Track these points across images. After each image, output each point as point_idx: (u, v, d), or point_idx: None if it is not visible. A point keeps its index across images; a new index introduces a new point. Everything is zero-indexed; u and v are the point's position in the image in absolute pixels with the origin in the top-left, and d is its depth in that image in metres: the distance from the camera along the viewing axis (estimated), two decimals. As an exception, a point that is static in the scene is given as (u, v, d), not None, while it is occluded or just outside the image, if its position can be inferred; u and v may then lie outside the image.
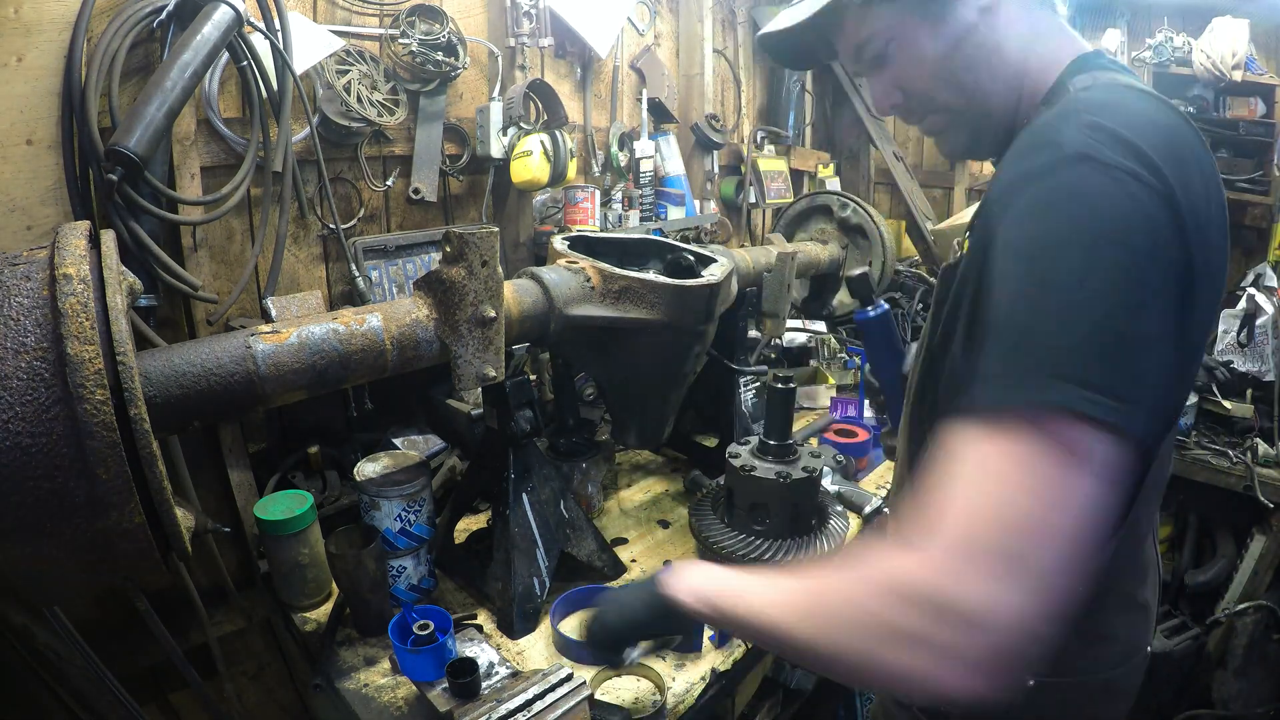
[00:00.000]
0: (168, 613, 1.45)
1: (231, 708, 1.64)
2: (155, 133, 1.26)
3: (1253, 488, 2.20)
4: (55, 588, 0.81)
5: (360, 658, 1.30)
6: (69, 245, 0.79)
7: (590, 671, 1.23)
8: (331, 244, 1.81)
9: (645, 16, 2.57)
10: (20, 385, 0.71)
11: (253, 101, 1.53)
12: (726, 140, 2.76)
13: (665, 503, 1.88)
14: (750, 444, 1.53)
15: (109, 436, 0.73)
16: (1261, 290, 2.45)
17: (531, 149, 1.90)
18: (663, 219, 2.46)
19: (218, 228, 1.60)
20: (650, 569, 1.59)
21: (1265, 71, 2.87)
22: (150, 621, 1.27)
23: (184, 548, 0.85)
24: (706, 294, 1.37)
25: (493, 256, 1.13)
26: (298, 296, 1.58)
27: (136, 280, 0.95)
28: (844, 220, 2.36)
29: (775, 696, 2.08)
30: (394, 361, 1.09)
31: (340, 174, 1.82)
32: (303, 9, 1.70)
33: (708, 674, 1.29)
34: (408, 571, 1.41)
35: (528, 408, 1.38)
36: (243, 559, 1.70)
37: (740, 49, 3.08)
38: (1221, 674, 2.35)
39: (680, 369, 1.50)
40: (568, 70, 2.34)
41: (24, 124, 1.31)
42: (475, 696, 1.08)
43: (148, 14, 1.38)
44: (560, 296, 1.29)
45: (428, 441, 1.84)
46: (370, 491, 1.35)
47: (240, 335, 0.98)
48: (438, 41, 1.83)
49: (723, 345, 1.80)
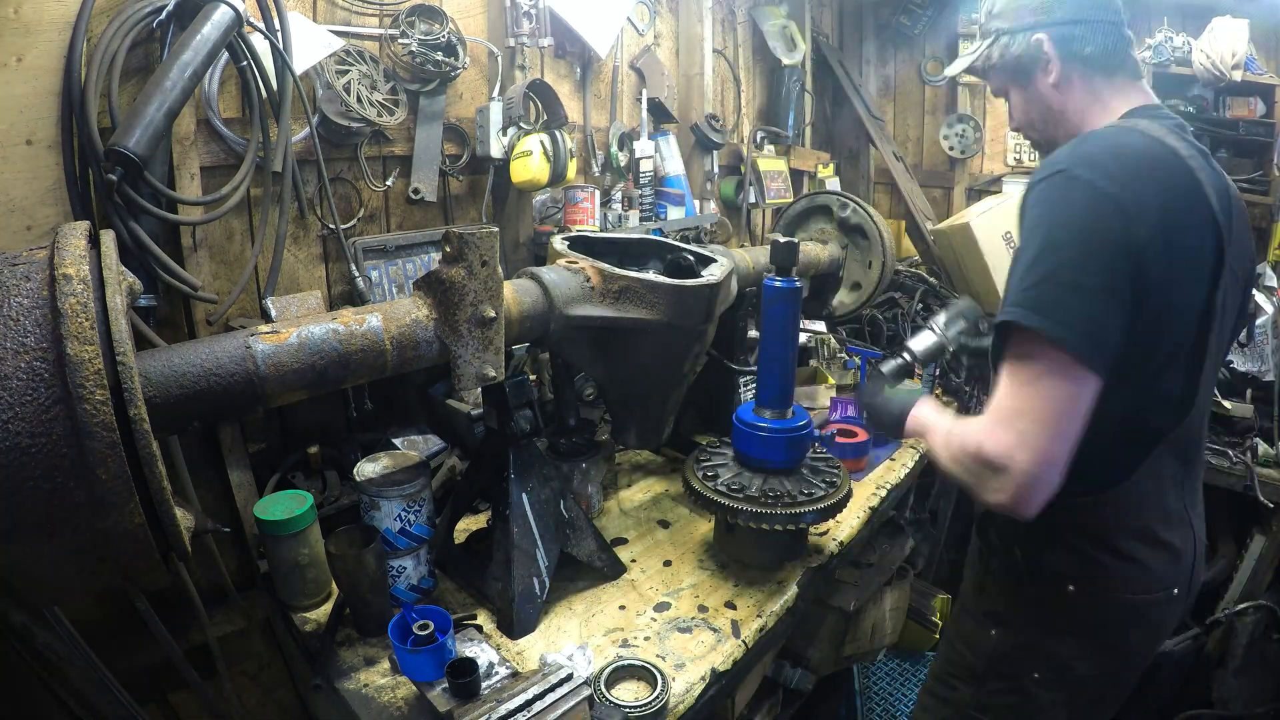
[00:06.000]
0: (168, 613, 1.45)
1: (231, 708, 1.64)
2: (155, 133, 1.26)
3: (1253, 487, 2.20)
4: (55, 588, 0.81)
5: (360, 658, 1.30)
6: (69, 245, 0.79)
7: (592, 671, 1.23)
8: (331, 244, 1.81)
9: (645, 16, 2.57)
10: (20, 385, 0.71)
11: (253, 101, 1.53)
12: (726, 140, 2.76)
13: (665, 503, 1.88)
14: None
15: (109, 437, 0.73)
16: (1261, 290, 2.45)
17: (531, 149, 1.90)
18: (663, 219, 2.46)
19: (217, 228, 1.60)
20: (650, 569, 1.59)
21: (1265, 71, 2.86)
22: (150, 621, 1.27)
23: (184, 548, 0.85)
24: (706, 294, 1.37)
25: (492, 256, 1.13)
26: (297, 296, 1.58)
27: (136, 280, 0.95)
28: (844, 220, 2.36)
29: (775, 696, 2.08)
30: (394, 361, 1.09)
31: (340, 174, 1.82)
32: (303, 9, 1.70)
33: (708, 674, 1.29)
34: (408, 571, 1.41)
35: (528, 408, 1.38)
36: (243, 559, 1.70)
37: (740, 49, 3.08)
38: (1221, 674, 2.35)
39: (680, 369, 1.50)
40: (567, 70, 2.34)
41: (24, 124, 1.31)
42: (475, 696, 1.08)
43: (148, 14, 1.38)
44: (560, 296, 1.29)
45: (428, 441, 1.84)
46: (370, 491, 1.35)
47: (240, 335, 0.98)
48: (437, 41, 1.83)
49: (723, 345, 1.80)
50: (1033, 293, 0.96)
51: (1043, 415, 0.95)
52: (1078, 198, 0.97)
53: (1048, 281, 0.95)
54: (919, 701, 1.45)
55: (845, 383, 2.34)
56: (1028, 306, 0.95)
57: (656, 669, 1.24)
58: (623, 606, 1.46)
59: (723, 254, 1.69)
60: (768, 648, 1.57)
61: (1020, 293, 0.97)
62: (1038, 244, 0.98)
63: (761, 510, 1.43)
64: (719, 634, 1.39)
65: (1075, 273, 0.95)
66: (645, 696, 1.20)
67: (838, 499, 1.50)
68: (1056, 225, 0.97)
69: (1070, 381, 0.94)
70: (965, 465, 1.03)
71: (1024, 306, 0.95)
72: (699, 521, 1.78)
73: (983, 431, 0.99)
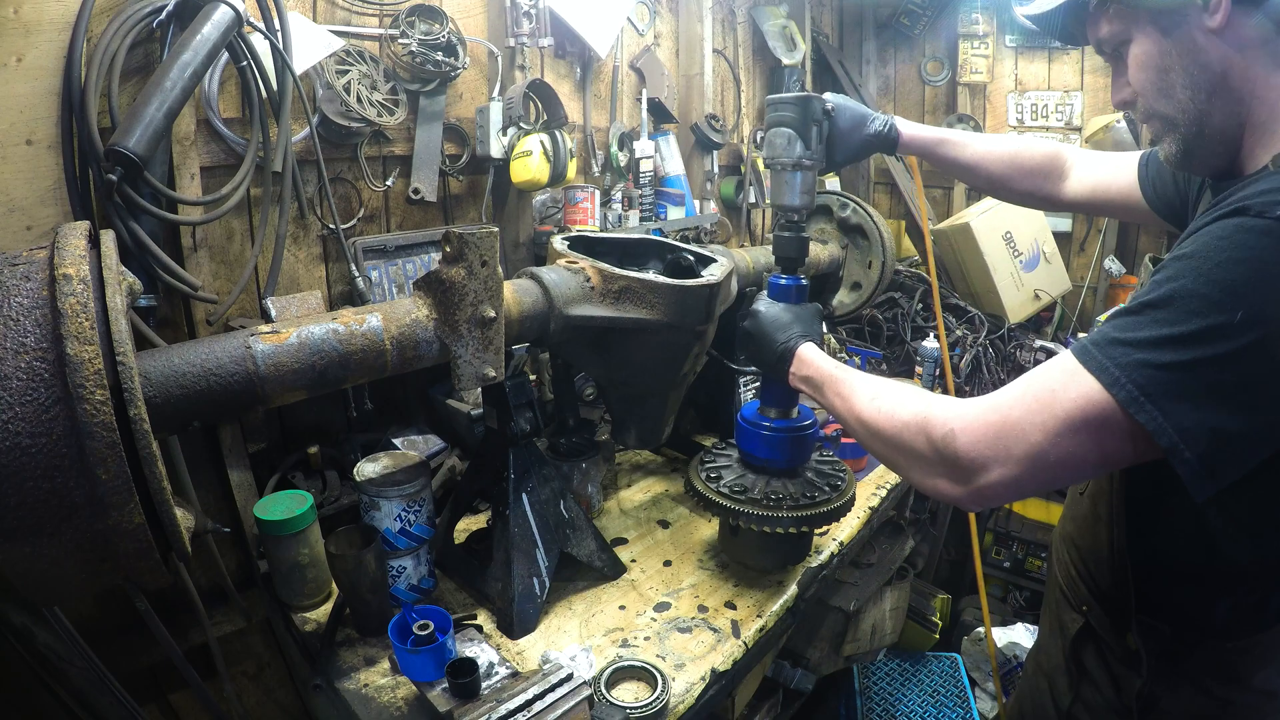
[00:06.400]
0: (168, 613, 1.45)
1: (231, 708, 1.63)
2: (155, 133, 1.26)
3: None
4: (55, 588, 0.81)
5: (360, 658, 1.30)
6: (69, 245, 0.79)
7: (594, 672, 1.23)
8: (331, 244, 1.81)
9: (645, 16, 2.57)
10: (20, 385, 0.71)
11: (252, 101, 1.53)
12: (726, 140, 2.76)
13: (665, 503, 1.88)
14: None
15: (109, 436, 0.73)
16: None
17: (531, 149, 1.90)
18: (663, 219, 2.46)
19: (217, 228, 1.60)
20: (650, 569, 1.59)
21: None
22: (150, 621, 1.27)
23: (184, 548, 0.85)
24: (706, 294, 1.37)
25: (492, 256, 1.13)
26: (297, 296, 1.58)
27: (136, 280, 0.95)
28: (844, 220, 2.36)
29: (775, 696, 2.08)
30: (394, 362, 1.09)
31: (340, 174, 1.82)
32: (303, 9, 1.70)
33: (708, 674, 1.29)
34: (408, 571, 1.41)
35: (528, 408, 1.38)
36: (243, 559, 1.70)
37: (740, 49, 3.08)
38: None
39: (680, 369, 1.50)
40: (568, 70, 2.34)
41: (24, 124, 1.31)
42: (475, 696, 1.08)
43: (148, 14, 1.38)
44: (560, 296, 1.29)
45: (428, 441, 1.84)
46: (370, 491, 1.35)
47: (240, 335, 0.98)
48: (437, 41, 1.83)
49: (723, 345, 1.80)
50: (1162, 376, 0.72)
51: (1054, 461, 0.78)
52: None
53: (1193, 371, 0.71)
54: None
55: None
56: (1148, 391, 0.72)
57: (656, 669, 1.24)
58: (623, 606, 1.46)
59: (723, 254, 1.69)
60: (768, 648, 1.57)
61: (1140, 361, 0.73)
62: (1203, 313, 0.71)
63: (766, 513, 1.41)
64: (719, 634, 1.39)
65: (1247, 391, 0.71)
66: (645, 697, 1.20)
67: (844, 501, 1.48)
68: (1254, 303, 0.69)
69: (1124, 452, 0.76)
70: (903, 439, 0.89)
71: (1141, 388, 0.73)
72: (699, 521, 1.78)
73: (960, 420, 0.84)
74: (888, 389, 0.98)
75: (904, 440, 0.89)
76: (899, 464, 0.93)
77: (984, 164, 1.44)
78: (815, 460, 1.58)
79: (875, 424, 0.96)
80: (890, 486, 1.99)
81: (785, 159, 1.36)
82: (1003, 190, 1.47)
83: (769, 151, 1.39)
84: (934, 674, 2.52)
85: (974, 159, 1.44)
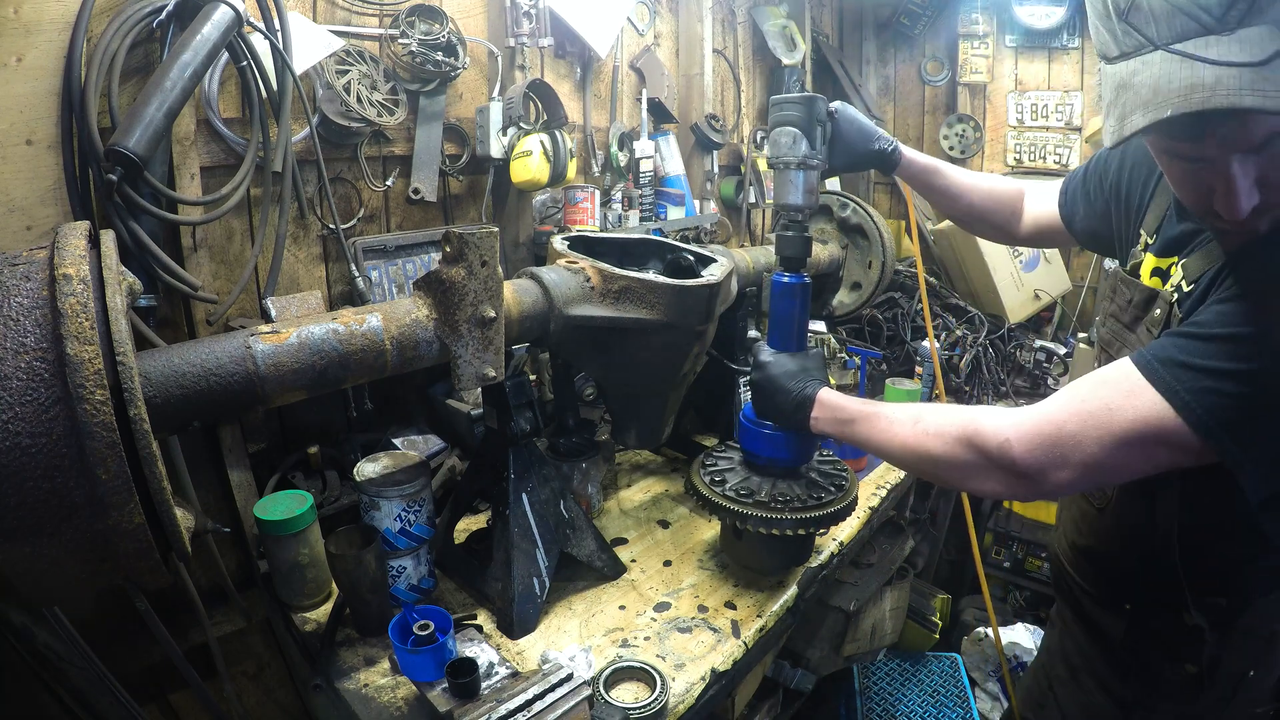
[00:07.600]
0: (168, 613, 1.44)
1: (231, 708, 1.63)
2: (155, 133, 1.26)
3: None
4: (55, 588, 0.81)
5: (360, 658, 1.30)
6: (69, 245, 0.79)
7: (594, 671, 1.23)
8: (331, 244, 1.81)
9: (645, 16, 2.57)
10: (20, 385, 0.71)
11: (252, 101, 1.53)
12: (726, 140, 2.76)
13: (665, 503, 1.88)
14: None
15: (109, 436, 0.73)
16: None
17: (531, 149, 1.90)
18: (663, 219, 2.46)
19: (217, 228, 1.60)
20: (650, 569, 1.59)
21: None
22: (150, 621, 1.27)
23: (184, 548, 0.85)
24: (706, 294, 1.37)
25: (492, 256, 1.13)
26: (297, 296, 1.58)
27: (136, 280, 0.95)
28: (844, 220, 2.36)
29: (775, 696, 2.08)
30: (394, 362, 1.09)
31: (340, 174, 1.82)
32: (303, 9, 1.70)
33: (708, 674, 1.29)
34: (408, 571, 1.41)
35: (528, 408, 1.38)
36: (243, 559, 1.70)
37: (740, 49, 3.08)
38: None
39: (680, 369, 1.50)
40: (567, 70, 2.34)
41: (24, 124, 1.31)
42: (475, 696, 1.08)
43: (148, 14, 1.38)
44: (560, 296, 1.29)
45: (428, 441, 1.84)
46: (370, 491, 1.35)
47: (240, 335, 0.98)
48: (437, 41, 1.83)
49: (723, 345, 1.80)
50: (1227, 404, 0.81)
51: (1109, 468, 0.88)
52: None
53: (1255, 402, 0.80)
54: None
55: (846, 383, 2.33)
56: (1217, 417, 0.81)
57: (656, 670, 1.24)
58: (623, 606, 1.46)
59: (723, 254, 1.69)
60: (768, 648, 1.57)
61: (1209, 389, 0.82)
62: (1269, 356, 0.80)
63: (774, 515, 1.39)
64: (719, 634, 1.39)
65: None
66: (645, 697, 1.20)
67: (848, 501, 1.48)
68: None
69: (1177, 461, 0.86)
70: (957, 455, 0.96)
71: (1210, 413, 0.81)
72: (699, 521, 1.78)
73: (1014, 430, 0.92)
74: (927, 411, 1.04)
75: (957, 456, 0.96)
76: (952, 478, 0.99)
77: (968, 195, 1.51)
78: (817, 460, 1.57)
79: (925, 447, 1.01)
80: (890, 486, 1.99)
81: (790, 158, 1.37)
82: (979, 223, 1.55)
83: (773, 150, 1.40)
84: (934, 674, 2.52)
85: (959, 189, 1.51)
